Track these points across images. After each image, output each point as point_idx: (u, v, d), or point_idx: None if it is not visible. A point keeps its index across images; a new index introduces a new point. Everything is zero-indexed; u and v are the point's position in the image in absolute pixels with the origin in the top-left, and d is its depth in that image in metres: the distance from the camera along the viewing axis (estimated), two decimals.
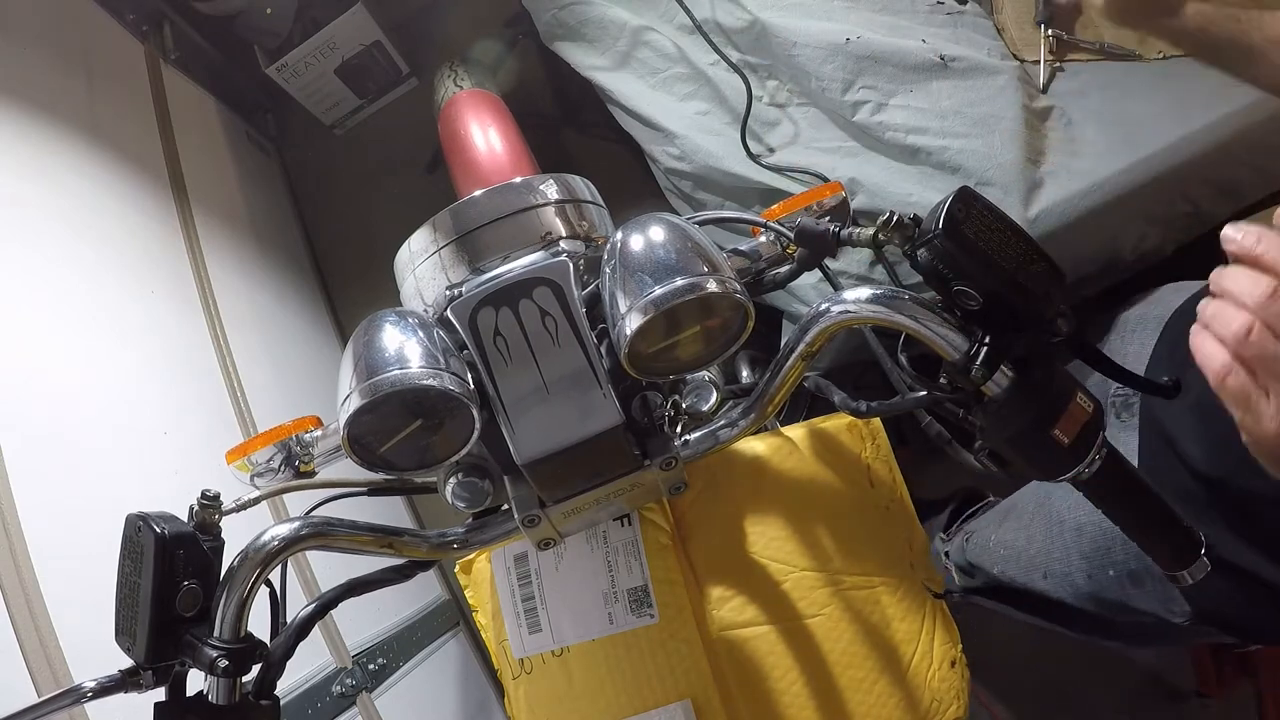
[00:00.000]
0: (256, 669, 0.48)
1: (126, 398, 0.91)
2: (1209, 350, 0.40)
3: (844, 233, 0.53)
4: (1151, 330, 0.73)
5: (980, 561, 0.86)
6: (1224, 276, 0.40)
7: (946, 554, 0.96)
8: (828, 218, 0.60)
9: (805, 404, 0.92)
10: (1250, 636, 0.65)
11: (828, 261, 0.62)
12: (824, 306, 0.47)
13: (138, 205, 1.12)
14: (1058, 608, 0.75)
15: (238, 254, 1.35)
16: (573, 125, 1.62)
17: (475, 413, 0.44)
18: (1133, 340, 0.73)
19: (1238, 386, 0.39)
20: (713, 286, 0.43)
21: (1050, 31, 0.98)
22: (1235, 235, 0.40)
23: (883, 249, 0.47)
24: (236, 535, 0.50)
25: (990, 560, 0.83)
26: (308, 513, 0.56)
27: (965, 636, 0.59)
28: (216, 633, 0.46)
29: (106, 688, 0.45)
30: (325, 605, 0.53)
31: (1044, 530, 0.75)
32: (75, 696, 0.44)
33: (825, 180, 0.93)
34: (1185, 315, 0.71)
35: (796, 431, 0.63)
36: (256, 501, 0.55)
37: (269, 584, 0.51)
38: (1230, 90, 0.87)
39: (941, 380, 0.46)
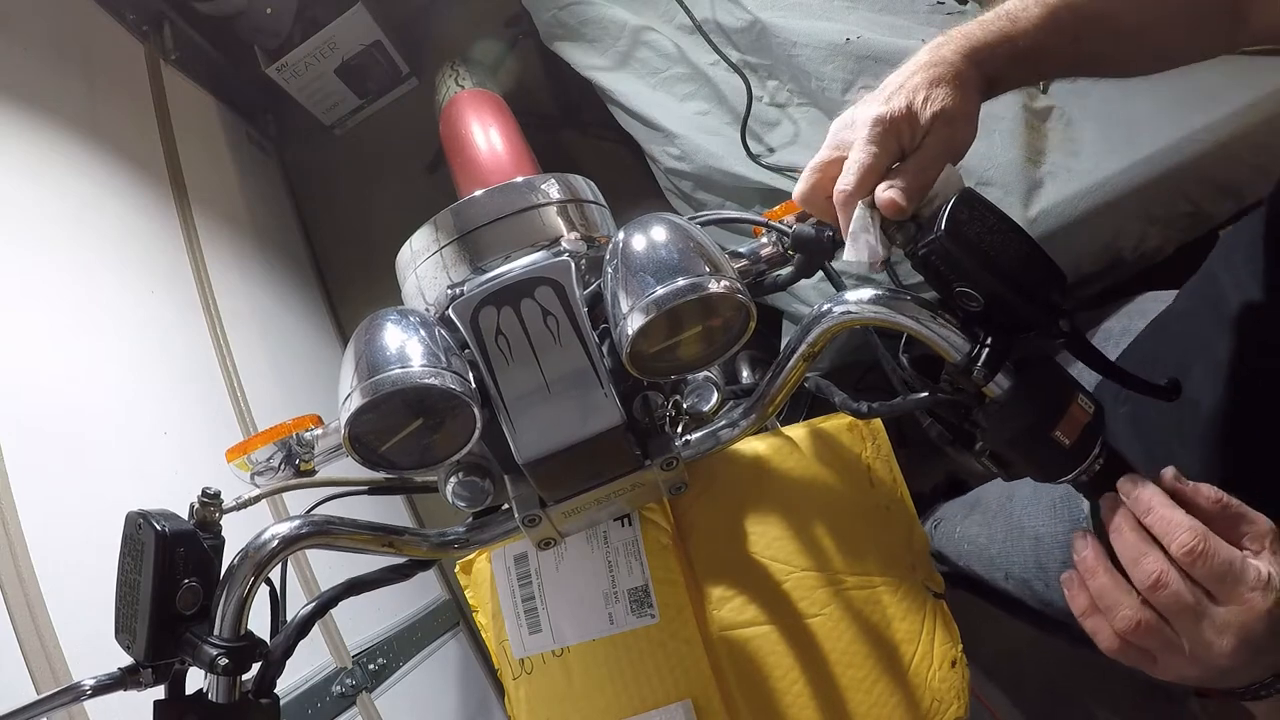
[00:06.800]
0: (256, 667, 0.48)
1: (126, 398, 0.91)
2: (1102, 633, 0.44)
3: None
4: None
5: (946, 550, 0.86)
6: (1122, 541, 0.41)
7: None
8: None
9: (806, 404, 0.92)
10: None
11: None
12: (825, 307, 0.47)
13: (138, 205, 1.12)
14: (1020, 607, 0.75)
15: (238, 254, 1.34)
16: (573, 125, 1.62)
17: (476, 412, 0.44)
18: (1117, 353, 0.74)
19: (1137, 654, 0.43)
20: (715, 287, 0.43)
21: None
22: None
23: None
24: (237, 534, 0.50)
25: (955, 552, 0.84)
26: (308, 511, 0.56)
27: (966, 636, 0.59)
28: (216, 631, 0.46)
29: (106, 685, 0.45)
30: (325, 604, 0.53)
31: (1004, 532, 0.75)
32: (74, 694, 0.44)
33: None
34: (1161, 328, 0.71)
35: (797, 432, 0.62)
36: (257, 500, 0.55)
37: (269, 582, 0.51)
38: (1230, 90, 0.88)
39: (943, 381, 0.46)
